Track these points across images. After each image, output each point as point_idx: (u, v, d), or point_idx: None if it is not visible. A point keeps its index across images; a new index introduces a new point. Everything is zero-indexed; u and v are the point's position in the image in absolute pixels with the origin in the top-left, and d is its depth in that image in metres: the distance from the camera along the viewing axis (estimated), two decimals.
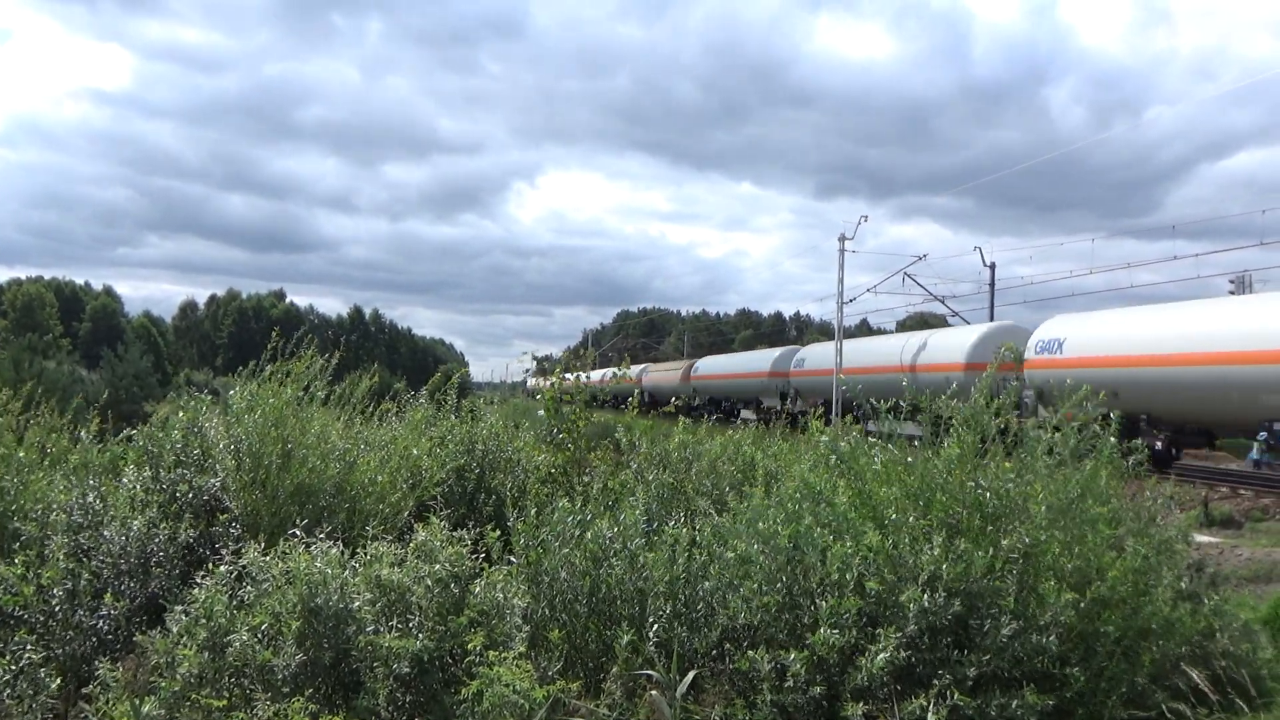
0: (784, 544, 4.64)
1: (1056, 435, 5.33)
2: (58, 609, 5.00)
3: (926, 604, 4.21)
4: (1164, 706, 4.45)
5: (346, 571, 4.61)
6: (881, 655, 4.05)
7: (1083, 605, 4.41)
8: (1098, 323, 22.09)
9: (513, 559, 5.06)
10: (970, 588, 4.36)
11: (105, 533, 5.46)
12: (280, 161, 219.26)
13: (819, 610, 4.33)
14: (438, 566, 4.68)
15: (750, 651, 4.28)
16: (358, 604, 4.45)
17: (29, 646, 4.55)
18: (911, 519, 4.78)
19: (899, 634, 4.15)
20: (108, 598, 5.03)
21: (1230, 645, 4.99)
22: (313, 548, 4.75)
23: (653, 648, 4.48)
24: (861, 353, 33.05)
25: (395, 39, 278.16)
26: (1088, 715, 4.29)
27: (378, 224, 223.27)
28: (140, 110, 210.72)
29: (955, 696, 3.99)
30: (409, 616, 4.52)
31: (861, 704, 3.98)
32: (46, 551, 5.33)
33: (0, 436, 6.84)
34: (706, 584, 4.76)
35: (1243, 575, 9.51)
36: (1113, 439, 5.29)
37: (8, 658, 4.44)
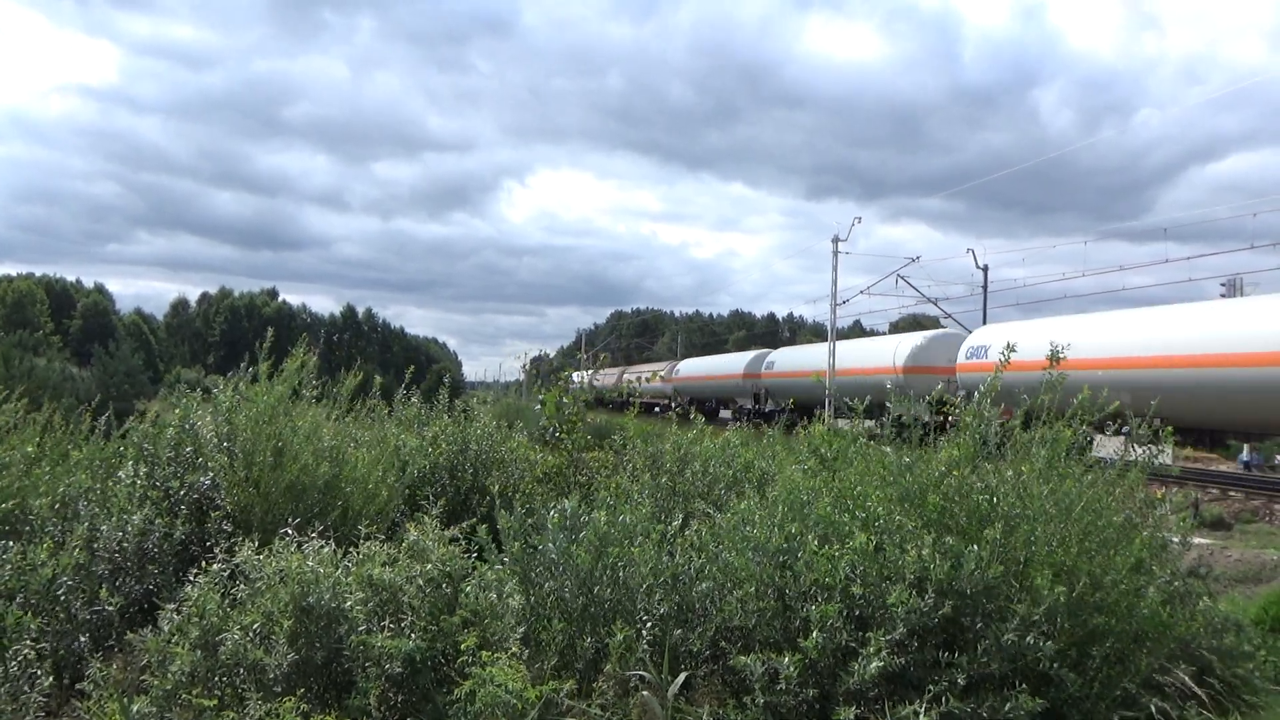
0: (776, 546, 4.65)
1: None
2: (63, 598, 4.99)
3: (912, 605, 4.21)
4: (1154, 707, 4.46)
5: (339, 571, 4.60)
6: (874, 664, 4.04)
7: (1070, 601, 4.41)
8: None
9: (504, 558, 5.05)
10: (959, 587, 4.38)
11: (103, 527, 5.45)
12: (270, 158, 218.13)
13: (809, 613, 4.34)
14: (430, 566, 4.67)
15: (744, 654, 4.29)
16: (350, 603, 4.44)
17: (28, 641, 4.54)
18: (899, 519, 4.79)
19: (887, 637, 4.15)
20: (103, 593, 5.02)
21: (1220, 645, 5.02)
22: (305, 547, 4.74)
23: (646, 647, 4.48)
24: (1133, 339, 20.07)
25: (386, 36, 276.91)
26: (1080, 716, 4.30)
27: (369, 222, 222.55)
28: (128, 106, 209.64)
29: (950, 703, 3.98)
30: (401, 616, 4.52)
31: (854, 708, 3.98)
32: (56, 543, 5.33)
33: (5, 436, 6.87)
34: (702, 585, 4.76)
35: (1232, 576, 9.57)
36: None
37: (7, 653, 4.43)
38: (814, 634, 4.19)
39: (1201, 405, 18.13)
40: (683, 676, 4.37)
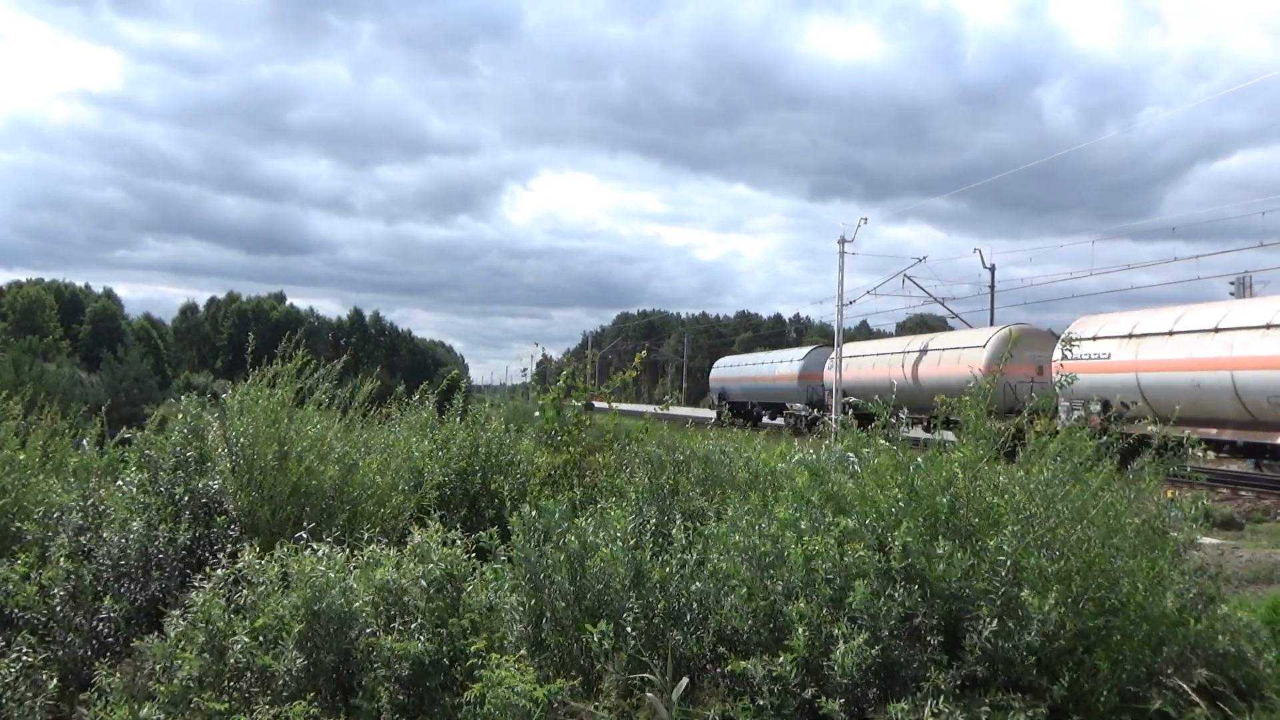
0: (764, 549, 4.67)
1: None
2: (59, 609, 5.00)
3: (881, 605, 4.22)
4: (1161, 707, 4.43)
5: (348, 576, 4.60)
6: (849, 658, 4.05)
7: (1069, 603, 4.39)
8: None
9: (503, 557, 5.05)
10: (950, 589, 4.37)
11: (105, 534, 5.45)
12: (274, 163, 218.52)
13: (791, 612, 4.36)
14: (431, 566, 4.66)
15: (743, 658, 4.30)
16: (358, 604, 4.44)
17: (26, 649, 4.55)
18: (892, 518, 4.80)
19: (866, 632, 4.15)
20: (107, 600, 5.03)
21: (1230, 646, 4.98)
22: (315, 551, 4.74)
23: (634, 645, 4.48)
24: None
25: (387, 39, 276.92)
26: (1084, 715, 4.27)
27: (374, 226, 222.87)
28: (132, 112, 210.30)
29: (953, 709, 3.96)
30: (407, 618, 4.52)
31: (841, 699, 3.97)
32: (48, 553, 5.34)
33: (4, 440, 6.87)
34: (696, 585, 4.75)
35: (1243, 577, 9.52)
36: None
37: (9, 659, 4.44)
38: (798, 630, 4.21)
39: None
40: (686, 680, 4.37)
